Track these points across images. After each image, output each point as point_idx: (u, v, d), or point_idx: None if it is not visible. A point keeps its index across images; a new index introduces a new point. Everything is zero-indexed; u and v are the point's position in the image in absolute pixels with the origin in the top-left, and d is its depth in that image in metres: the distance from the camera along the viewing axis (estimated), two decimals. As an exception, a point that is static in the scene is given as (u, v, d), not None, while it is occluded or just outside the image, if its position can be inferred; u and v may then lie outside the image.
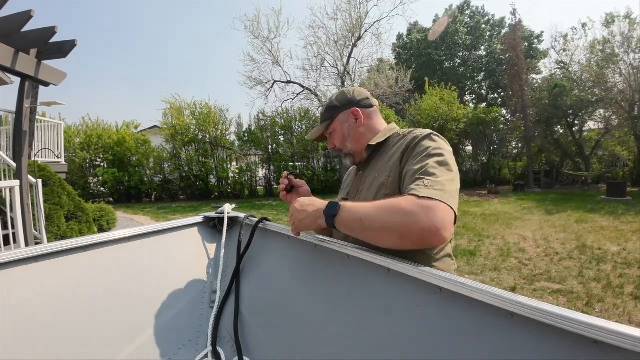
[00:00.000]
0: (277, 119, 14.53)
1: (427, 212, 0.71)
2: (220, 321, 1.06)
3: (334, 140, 1.13)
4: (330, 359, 0.82)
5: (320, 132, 1.14)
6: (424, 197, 0.74)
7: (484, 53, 25.56)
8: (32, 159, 5.89)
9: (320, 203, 0.88)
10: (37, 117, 6.32)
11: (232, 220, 1.28)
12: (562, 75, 16.98)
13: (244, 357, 0.95)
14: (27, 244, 3.88)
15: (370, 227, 0.76)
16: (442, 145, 0.91)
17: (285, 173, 1.16)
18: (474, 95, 27.03)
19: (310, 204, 0.90)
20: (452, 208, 0.74)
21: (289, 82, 14.79)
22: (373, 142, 1.06)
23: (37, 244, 3.42)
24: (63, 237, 4.95)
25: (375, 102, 1.14)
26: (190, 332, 1.04)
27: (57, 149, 7.98)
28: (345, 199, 1.11)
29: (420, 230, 0.70)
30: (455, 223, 0.77)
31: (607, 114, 15.74)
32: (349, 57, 14.21)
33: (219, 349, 0.99)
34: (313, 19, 23.55)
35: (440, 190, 0.76)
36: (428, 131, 0.97)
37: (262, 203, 11.87)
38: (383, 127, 1.11)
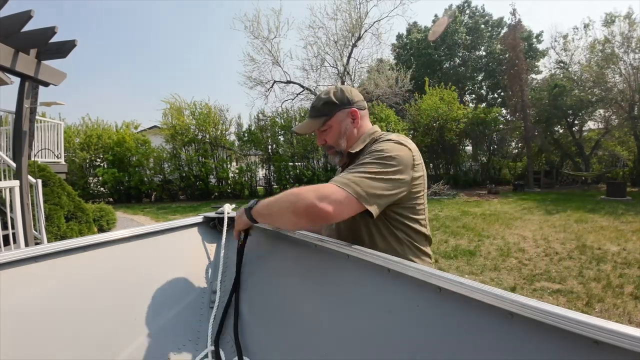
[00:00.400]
0: (277, 119, 14.52)
1: (314, 191, 0.84)
2: (220, 321, 1.06)
3: (326, 136, 1.12)
4: (330, 359, 0.82)
5: (315, 127, 1.12)
6: (333, 182, 0.86)
7: (484, 53, 25.55)
8: (32, 159, 5.89)
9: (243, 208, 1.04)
10: (37, 117, 6.31)
11: (232, 221, 1.28)
12: (562, 75, 16.98)
13: (244, 357, 0.95)
14: (27, 244, 3.88)
15: (274, 211, 0.92)
16: (392, 150, 0.94)
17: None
18: (473, 95, 27.03)
19: (243, 207, 1.05)
20: (342, 189, 0.84)
21: (288, 82, 14.79)
22: (353, 150, 1.09)
23: (37, 244, 3.42)
24: (63, 238, 4.95)
25: (366, 104, 1.17)
26: (190, 332, 1.04)
27: (57, 149, 7.98)
28: None
29: (305, 206, 0.82)
30: (358, 211, 0.87)
31: (606, 114, 15.75)
32: (349, 57, 14.22)
33: (219, 349, 0.99)
34: (313, 19, 23.53)
35: (343, 178, 0.87)
36: (393, 135, 1.03)
37: (262, 203, 11.83)
38: (367, 129, 1.14)
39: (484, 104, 23.30)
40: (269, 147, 14.49)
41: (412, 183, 0.96)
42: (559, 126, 17.10)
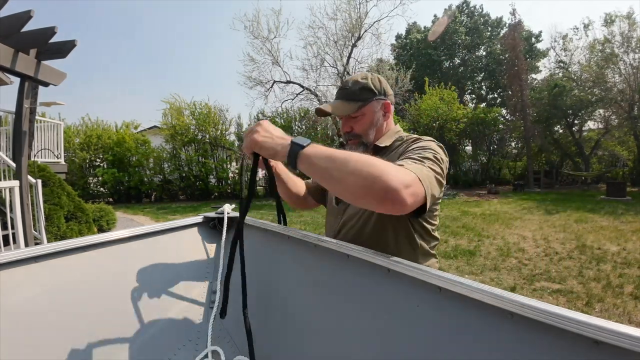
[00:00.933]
0: (276, 119, 14.53)
1: (398, 175, 0.68)
2: (220, 321, 1.06)
3: (355, 124, 1.04)
4: (330, 359, 0.82)
5: (349, 111, 1.03)
6: (403, 167, 0.74)
7: (484, 53, 25.56)
8: (32, 159, 5.89)
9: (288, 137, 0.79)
10: (36, 117, 6.31)
11: (232, 221, 1.28)
12: (561, 75, 16.99)
13: (244, 357, 0.95)
14: (26, 245, 3.88)
15: (339, 167, 0.69)
16: (440, 152, 0.91)
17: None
18: (473, 95, 27.03)
19: (279, 131, 0.81)
20: (421, 183, 0.73)
21: (288, 82, 14.77)
22: (381, 144, 1.05)
23: (36, 244, 3.41)
24: (63, 238, 4.95)
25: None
26: (190, 333, 1.04)
27: (57, 149, 7.98)
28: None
29: (386, 188, 0.65)
30: (424, 211, 0.78)
31: (606, 114, 15.75)
32: (349, 57, 14.20)
33: (219, 349, 0.99)
34: (313, 19, 23.53)
35: (421, 169, 0.77)
36: (432, 139, 0.98)
37: (262, 203, 11.86)
38: (393, 126, 1.11)
39: (483, 104, 23.30)
40: (269, 147, 14.45)
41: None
42: (558, 126, 17.10)
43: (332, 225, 1.14)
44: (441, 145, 0.96)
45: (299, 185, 1.27)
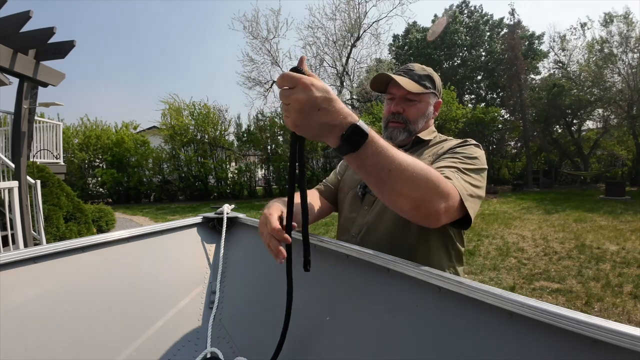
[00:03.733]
0: (276, 119, 14.52)
1: (446, 198, 0.69)
2: (219, 322, 1.06)
3: (409, 107, 1.01)
4: (330, 359, 0.82)
5: (413, 89, 0.98)
6: (456, 188, 0.74)
7: (483, 53, 25.58)
8: (31, 159, 5.88)
9: (344, 104, 0.59)
10: (35, 117, 6.30)
11: (231, 221, 1.28)
12: (560, 75, 17.01)
13: (244, 358, 0.94)
14: (26, 245, 3.87)
15: (402, 171, 0.61)
16: (484, 160, 0.91)
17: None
18: (472, 95, 27.04)
19: (334, 96, 0.57)
20: (467, 209, 0.75)
21: (288, 82, 14.75)
22: (425, 137, 1.04)
23: (36, 245, 3.41)
24: (62, 238, 4.94)
25: None
26: (189, 333, 1.04)
27: (56, 149, 7.97)
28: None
29: (436, 208, 0.68)
30: (467, 226, 0.80)
31: (605, 114, 15.79)
32: (348, 57, 14.24)
33: (218, 350, 0.99)
34: (312, 19, 23.55)
35: (469, 194, 0.77)
36: (475, 143, 0.96)
37: (262, 203, 11.86)
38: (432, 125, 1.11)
39: (483, 104, 23.31)
40: (268, 147, 14.49)
41: None
42: (557, 126, 17.15)
43: (353, 223, 1.05)
44: (481, 149, 0.95)
45: (316, 198, 1.14)
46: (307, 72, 0.57)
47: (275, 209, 0.82)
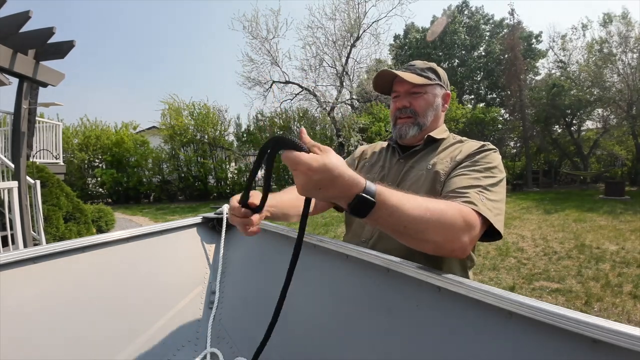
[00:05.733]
0: (275, 119, 14.51)
1: (469, 231, 0.69)
2: (219, 322, 1.06)
3: (415, 100, 0.99)
4: (330, 359, 0.82)
5: (417, 80, 0.97)
6: (479, 214, 0.72)
7: (483, 53, 25.58)
8: (31, 159, 5.88)
9: (349, 175, 0.57)
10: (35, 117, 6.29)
11: (231, 221, 1.28)
12: (560, 75, 17.02)
13: (244, 358, 0.94)
14: (25, 245, 3.87)
15: (418, 223, 0.63)
16: (503, 169, 0.90)
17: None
18: (472, 95, 27.06)
19: (342, 169, 0.56)
20: (498, 231, 0.75)
21: (287, 82, 14.76)
22: (437, 136, 1.01)
23: (35, 245, 3.41)
24: (61, 238, 4.94)
25: None
26: (189, 334, 1.04)
27: (55, 149, 7.97)
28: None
29: (459, 245, 0.68)
30: (498, 237, 0.79)
31: (605, 114, 15.80)
32: (348, 57, 14.20)
33: (218, 351, 0.99)
34: (311, 19, 23.54)
35: (497, 214, 0.76)
36: (493, 148, 0.94)
37: (261, 203, 11.84)
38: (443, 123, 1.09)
39: (482, 104, 23.32)
40: (268, 147, 14.45)
41: None
42: (557, 126, 17.16)
43: (364, 228, 1.02)
44: (499, 153, 0.94)
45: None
46: (308, 143, 0.58)
47: (239, 195, 0.83)
